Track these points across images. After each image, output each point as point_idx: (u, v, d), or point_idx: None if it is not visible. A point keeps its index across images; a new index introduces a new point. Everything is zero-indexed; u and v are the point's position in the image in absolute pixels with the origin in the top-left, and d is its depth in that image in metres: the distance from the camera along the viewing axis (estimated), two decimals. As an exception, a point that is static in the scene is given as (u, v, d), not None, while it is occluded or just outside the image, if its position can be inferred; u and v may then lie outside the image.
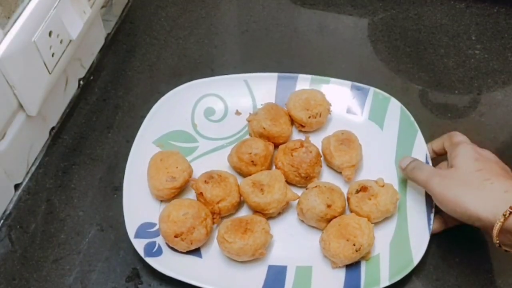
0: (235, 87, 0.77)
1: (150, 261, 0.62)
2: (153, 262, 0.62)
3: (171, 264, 0.62)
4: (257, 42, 0.86)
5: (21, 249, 0.66)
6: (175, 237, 0.62)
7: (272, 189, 0.65)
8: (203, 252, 0.65)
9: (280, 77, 0.77)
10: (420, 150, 0.69)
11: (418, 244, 0.63)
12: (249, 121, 0.72)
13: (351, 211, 0.66)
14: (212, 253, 0.65)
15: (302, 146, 0.68)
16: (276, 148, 0.71)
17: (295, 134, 0.74)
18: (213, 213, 0.65)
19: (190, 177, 0.68)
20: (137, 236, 0.64)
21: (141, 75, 0.82)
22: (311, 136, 0.72)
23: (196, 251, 0.64)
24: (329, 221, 0.64)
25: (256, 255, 0.62)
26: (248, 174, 0.68)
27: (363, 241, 0.61)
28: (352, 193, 0.66)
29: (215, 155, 0.72)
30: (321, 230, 0.64)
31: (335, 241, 0.62)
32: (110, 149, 0.74)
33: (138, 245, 0.63)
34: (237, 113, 0.76)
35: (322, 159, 0.70)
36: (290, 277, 0.62)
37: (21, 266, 0.64)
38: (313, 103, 0.72)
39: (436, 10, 0.89)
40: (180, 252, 0.64)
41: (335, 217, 0.64)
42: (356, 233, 0.62)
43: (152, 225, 0.65)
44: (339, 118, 0.74)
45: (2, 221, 0.68)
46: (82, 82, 0.80)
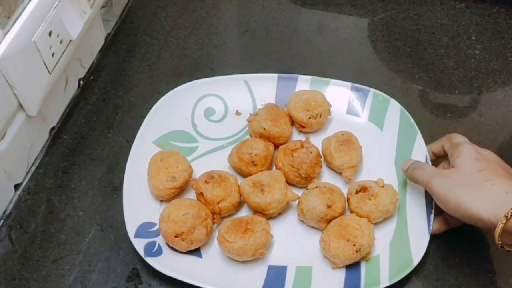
0: (235, 87, 0.77)
1: (150, 261, 0.62)
2: (153, 262, 0.62)
3: (171, 264, 0.62)
4: (257, 42, 0.86)
5: (21, 249, 0.66)
6: (176, 237, 0.62)
7: (273, 190, 0.65)
8: (203, 252, 0.65)
9: (280, 78, 0.77)
10: (420, 151, 0.69)
11: (418, 245, 0.63)
12: (249, 121, 0.72)
13: (351, 212, 0.66)
14: (212, 253, 0.65)
15: (302, 146, 0.68)
16: (276, 148, 0.71)
17: (295, 135, 0.74)
18: (213, 213, 0.65)
19: (190, 177, 0.68)
20: (137, 236, 0.64)
21: (141, 75, 0.82)
22: (311, 137, 0.72)
23: (196, 251, 0.64)
24: (329, 222, 0.64)
25: (257, 255, 0.62)
26: (249, 174, 0.68)
27: (363, 242, 0.61)
28: (352, 194, 0.66)
29: (215, 155, 0.72)
30: (321, 231, 0.65)
31: (335, 241, 0.62)
32: (110, 149, 0.74)
33: (138, 245, 0.63)
34: (237, 113, 0.76)
35: (322, 159, 0.70)
36: (290, 277, 0.62)
37: (21, 266, 0.64)
38: (313, 104, 0.72)
39: (436, 10, 0.89)
40: (180, 252, 0.64)
41: (335, 218, 0.64)
42: (356, 234, 0.62)
43: (152, 225, 0.65)
44: (339, 119, 0.74)
45: (2, 221, 0.68)
46: (82, 82, 0.80)
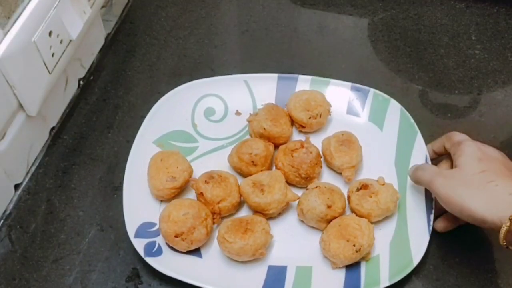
0: (235, 87, 0.77)
1: (150, 261, 0.62)
2: (153, 262, 0.62)
3: (171, 264, 0.62)
4: (257, 42, 0.86)
5: (21, 249, 0.66)
6: (176, 237, 0.62)
7: (273, 190, 0.65)
8: (203, 252, 0.65)
9: (280, 78, 0.76)
10: (420, 151, 0.69)
11: (418, 245, 0.63)
12: (249, 121, 0.72)
13: (352, 209, 0.66)
14: (212, 253, 0.65)
15: (302, 146, 0.68)
16: (276, 148, 0.71)
17: (295, 135, 0.74)
18: (213, 213, 0.65)
19: (190, 177, 0.68)
20: (137, 236, 0.64)
21: (141, 75, 0.82)
22: (311, 137, 0.72)
23: (196, 251, 0.64)
24: (329, 222, 0.64)
25: (256, 255, 0.62)
26: (249, 174, 0.68)
27: (363, 242, 0.61)
28: (352, 191, 0.66)
29: (215, 155, 0.72)
30: (321, 231, 0.65)
31: (335, 241, 0.62)
32: (110, 149, 0.74)
33: (138, 245, 0.63)
34: (237, 113, 0.76)
35: (322, 159, 0.70)
36: (290, 277, 0.62)
37: (21, 266, 0.64)
38: (313, 104, 0.72)
39: (436, 10, 0.89)
40: (180, 252, 0.64)
41: (335, 218, 0.64)
42: (356, 234, 0.62)
43: (152, 225, 0.65)
44: (339, 119, 0.74)
45: (2, 221, 0.68)
46: (82, 82, 0.80)
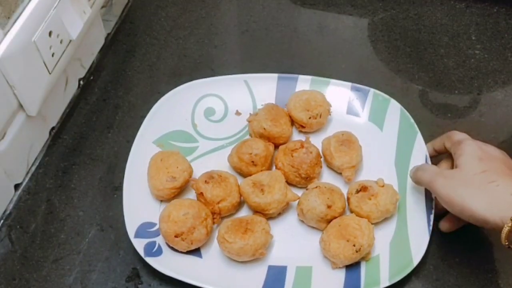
0: (235, 87, 0.77)
1: (150, 261, 0.62)
2: (153, 262, 0.62)
3: (171, 264, 0.62)
4: (257, 42, 0.86)
5: (21, 249, 0.66)
6: (176, 237, 0.62)
7: (273, 190, 0.65)
8: (203, 252, 0.65)
9: (280, 78, 0.76)
10: (420, 151, 0.69)
11: (418, 245, 0.63)
12: (249, 121, 0.72)
13: (351, 211, 0.66)
14: (212, 253, 0.65)
15: (302, 146, 0.68)
16: (276, 148, 0.71)
17: (295, 135, 0.74)
18: (213, 213, 0.65)
19: (190, 177, 0.68)
20: (137, 236, 0.64)
21: (141, 75, 0.82)
22: (311, 137, 0.72)
23: (196, 251, 0.64)
24: (329, 222, 0.64)
25: (256, 255, 0.62)
26: (249, 174, 0.68)
27: (363, 242, 0.61)
28: (352, 193, 0.66)
29: (215, 155, 0.72)
30: (321, 231, 0.65)
31: (335, 241, 0.62)
32: (110, 149, 0.74)
33: (138, 245, 0.63)
34: (237, 113, 0.76)
35: (322, 159, 0.70)
36: (290, 277, 0.62)
37: (21, 266, 0.64)
38: (313, 104, 0.72)
39: (436, 10, 0.89)
40: (180, 252, 0.64)
41: (335, 218, 0.64)
42: (356, 234, 0.62)
43: (152, 225, 0.65)
44: (339, 119, 0.74)
45: (2, 221, 0.68)
46: (82, 82, 0.80)
